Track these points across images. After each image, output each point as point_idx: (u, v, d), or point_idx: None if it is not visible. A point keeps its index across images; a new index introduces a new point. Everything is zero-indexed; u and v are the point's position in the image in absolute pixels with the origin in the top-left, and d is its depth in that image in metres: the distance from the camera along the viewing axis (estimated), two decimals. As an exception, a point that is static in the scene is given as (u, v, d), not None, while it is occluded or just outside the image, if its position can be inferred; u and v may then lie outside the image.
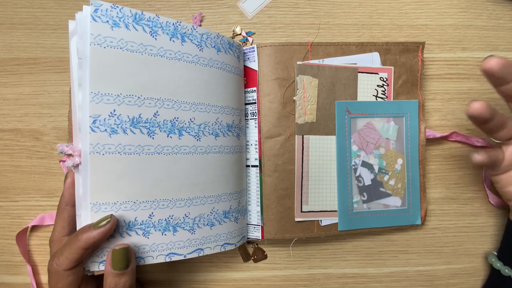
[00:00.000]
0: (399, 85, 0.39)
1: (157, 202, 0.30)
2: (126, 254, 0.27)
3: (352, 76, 0.38)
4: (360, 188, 0.38)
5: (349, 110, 0.38)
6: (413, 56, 0.39)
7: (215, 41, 0.34)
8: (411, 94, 0.39)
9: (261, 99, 0.38)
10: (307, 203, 0.37)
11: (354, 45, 0.38)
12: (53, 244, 0.30)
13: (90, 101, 0.27)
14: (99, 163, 0.28)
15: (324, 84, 0.37)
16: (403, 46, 0.39)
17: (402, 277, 0.41)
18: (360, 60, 0.38)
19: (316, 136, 0.38)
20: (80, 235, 0.27)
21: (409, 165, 0.39)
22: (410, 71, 0.39)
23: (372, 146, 0.38)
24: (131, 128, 0.29)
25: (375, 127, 0.39)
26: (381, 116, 0.38)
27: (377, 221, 0.39)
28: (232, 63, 0.36)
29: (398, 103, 0.39)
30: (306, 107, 0.37)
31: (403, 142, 0.39)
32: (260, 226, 0.38)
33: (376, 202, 0.39)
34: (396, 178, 0.39)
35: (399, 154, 0.39)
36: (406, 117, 0.39)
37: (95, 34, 0.27)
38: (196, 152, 0.32)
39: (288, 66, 0.37)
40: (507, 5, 0.41)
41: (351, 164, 0.38)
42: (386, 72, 0.38)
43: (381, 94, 0.39)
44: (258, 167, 0.38)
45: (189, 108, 0.32)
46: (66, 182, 0.31)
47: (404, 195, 0.39)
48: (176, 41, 0.31)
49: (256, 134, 0.38)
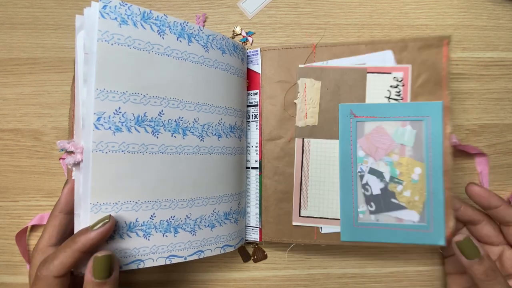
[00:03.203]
0: (418, 85, 0.35)
1: (159, 202, 0.30)
2: (108, 262, 0.25)
3: (360, 77, 0.36)
4: (367, 197, 0.35)
5: (354, 113, 0.35)
6: (436, 53, 0.34)
7: (220, 43, 0.34)
8: (433, 95, 0.34)
9: (263, 101, 0.38)
10: (306, 208, 0.36)
11: (363, 44, 0.36)
12: (37, 253, 0.29)
13: (95, 97, 0.27)
14: (101, 162, 0.27)
15: (327, 87, 0.36)
16: (424, 42, 0.35)
17: (402, 277, 0.41)
18: (370, 60, 0.36)
19: (317, 140, 0.36)
20: (77, 237, 0.25)
21: (430, 175, 0.34)
22: (433, 69, 0.34)
23: (382, 152, 0.35)
24: (136, 127, 0.29)
25: (386, 132, 0.35)
26: (394, 119, 0.35)
27: (388, 235, 0.35)
28: (236, 65, 0.36)
29: (417, 105, 0.34)
30: (307, 110, 0.36)
31: (422, 149, 0.34)
32: (259, 228, 0.38)
33: (386, 214, 0.35)
34: (413, 189, 0.34)
35: (417, 163, 0.34)
36: (426, 121, 0.34)
37: (103, 30, 0.27)
38: (199, 152, 0.32)
39: (291, 69, 0.37)
40: (507, 5, 0.41)
41: (357, 170, 0.35)
42: (401, 71, 0.35)
43: (395, 95, 0.35)
44: (258, 169, 0.38)
45: (193, 108, 0.32)
46: (65, 188, 0.30)
47: (423, 209, 0.34)
48: (183, 41, 0.31)
49: (257, 136, 0.38)
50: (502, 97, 0.41)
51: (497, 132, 0.41)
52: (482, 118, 0.41)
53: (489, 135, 0.41)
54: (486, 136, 0.41)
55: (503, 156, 0.41)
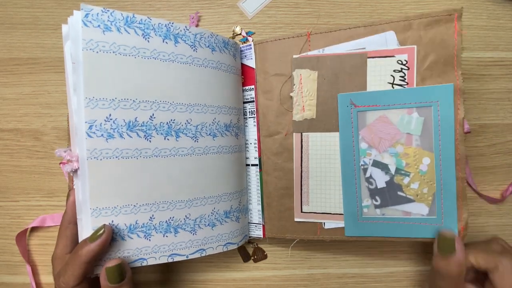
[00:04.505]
0: (425, 68, 0.32)
1: (157, 204, 0.31)
2: (120, 269, 0.27)
3: (360, 63, 0.33)
4: (371, 191, 0.34)
5: (354, 102, 0.33)
6: (446, 28, 0.31)
7: (209, 41, 0.33)
8: (443, 77, 0.32)
9: (259, 97, 0.37)
10: (307, 204, 0.36)
11: (362, 26, 0.33)
12: (56, 261, 0.30)
13: (85, 106, 0.27)
14: (97, 169, 0.28)
15: (325, 76, 0.34)
16: (431, 18, 0.31)
17: (402, 277, 0.41)
18: (371, 43, 0.33)
19: (316, 133, 0.35)
20: (79, 251, 0.27)
21: (439, 165, 0.32)
22: (442, 48, 0.31)
23: (386, 143, 0.33)
24: (128, 132, 0.29)
25: (391, 121, 0.33)
26: (399, 107, 0.32)
27: (395, 230, 0.33)
28: (227, 62, 0.35)
29: (424, 89, 0.32)
30: (304, 103, 0.35)
31: (432, 137, 0.32)
32: (262, 224, 0.38)
33: (392, 208, 0.33)
34: (421, 181, 0.33)
35: (426, 152, 0.32)
36: (435, 106, 0.31)
37: (87, 39, 0.27)
38: (194, 153, 0.32)
39: (286, 60, 0.36)
40: (507, 5, 0.41)
41: (359, 163, 0.34)
42: (406, 53, 0.32)
43: (399, 80, 0.32)
44: (258, 166, 0.38)
45: (185, 109, 0.32)
46: (68, 201, 0.31)
47: (433, 201, 0.32)
48: (169, 43, 0.31)
49: (255, 132, 0.38)
50: (502, 97, 0.41)
51: (497, 132, 0.41)
52: (482, 118, 0.41)
53: (489, 135, 0.41)
54: (486, 136, 0.41)
55: (503, 156, 0.41)
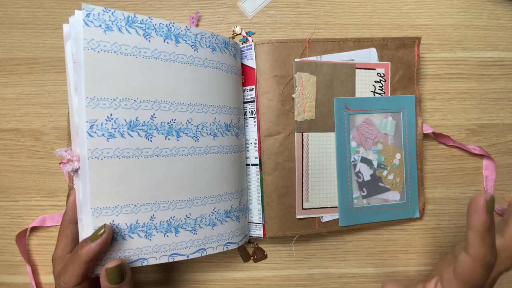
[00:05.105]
0: (396, 81, 0.39)
1: (158, 204, 0.31)
2: (119, 270, 0.27)
3: (350, 72, 0.38)
4: (359, 183, 0.39)
5: (347, 106, 0.38)
6: (410, 51, 0.39)
7: (209, 41, 0.34)
8: (407, 89, 0.39)
9: (260, 97, 0.38)
10: (308, 200, 0.38)
11: (351, 41, 0.38)
12: (56, 261, 0.30)
13: (86, 106, 0.27)
14: (98, 168, 0.28)
15: (322, 81, 0.37)
16: (400, 41, 0.39)
17: (402, 277, 0.41)
18: (358, 56, 0.38)
19: (315, 133, 0.38)
20: (80, 251, 0.27)
21: (407, 159, 0.39)
22: (407, 66, 0.39)
23: (370, 141, 0.39)
24: (129, 132, 0.29)
25: (373, 123, 0.39)
26: (379, 111, 0.39)
27: (376, 215, 0.39)
28: (228, 62, 0.35)
29: (396, 98, 0.39)
30: (305, 105, 0.37)
31: (401, 137, 0.39)
32: (262, 224, 0.38)
33: (375, 197, 0.39)
34: (395, 173, 0.39)
35: (397, 149, 0.39)
36: (403, 112, 0.39)
37: (88, 38, 0.27)
38: (194, 153, 0.32)
39: (286, 63, 0.37)
40: (507, 5, 0.42)
41: (351, 160, 0.38)
42: (383, 67, 0.39)
43: (378, 89, 0.39)
44: (258, 165, 0.38)
45: (186, 109, 0.32)
46: (69, 200, 0.30)
47: (402, 189, 0.39)
48: (170, 43, 0.31)
49: (255, 132, 0.38)
50: (502, 97, 0.41)
51: (497, 132, 0.41)
52: (482, 118, 0.41)
53: (489, 135, 0.41)
54: (486, 136, 0.41)
55: (503, 156, 0.41)
